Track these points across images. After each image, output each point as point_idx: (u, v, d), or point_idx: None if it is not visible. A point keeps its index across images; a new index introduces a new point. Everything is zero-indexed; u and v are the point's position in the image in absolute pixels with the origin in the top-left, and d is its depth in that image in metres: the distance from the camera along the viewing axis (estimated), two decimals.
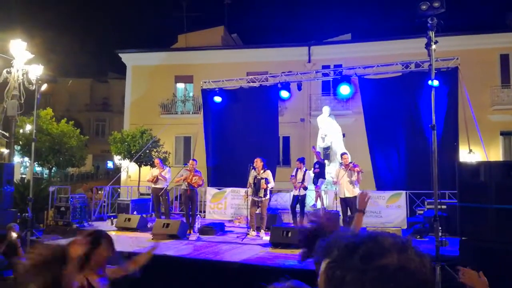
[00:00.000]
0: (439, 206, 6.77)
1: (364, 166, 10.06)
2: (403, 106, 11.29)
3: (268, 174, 9.54)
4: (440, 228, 6.48)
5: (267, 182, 9.32)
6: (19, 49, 11.71)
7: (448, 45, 15.01)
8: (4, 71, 11.79)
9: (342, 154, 9.48)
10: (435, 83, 8.76)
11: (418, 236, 8.57)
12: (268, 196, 9.57)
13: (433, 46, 5.81)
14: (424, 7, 5.55)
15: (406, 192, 10.46)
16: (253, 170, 9.58)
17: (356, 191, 8.88)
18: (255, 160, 9.59)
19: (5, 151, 30.87)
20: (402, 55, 15.44)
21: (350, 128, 16.76)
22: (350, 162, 9.08)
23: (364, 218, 9.83)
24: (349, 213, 8.82)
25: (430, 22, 5.64)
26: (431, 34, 5.76)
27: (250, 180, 9.57)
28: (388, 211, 10.55)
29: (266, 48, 21.98)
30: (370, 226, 9.24)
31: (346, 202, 8.93)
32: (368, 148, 11.76)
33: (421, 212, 10.00)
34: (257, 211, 9.60)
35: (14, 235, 7.94)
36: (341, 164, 9.80)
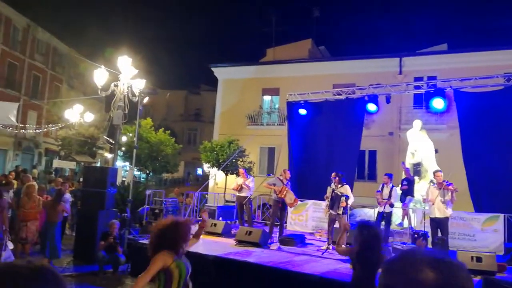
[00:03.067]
0: None
1: (458, 185, 9.42)
2: (504, 122, 10.36)
3: (347, 189, 9.42)
4: None
5: (346, 198, 9.18)
6: (125, 64, 12.99)
7: None
8: (112, 84, 13.15)
9: (435, 172, 8.95)
10: None
11: None
12: (346, 214, 9.43)
13: None
14: None
15: (504, 216, 9.57)
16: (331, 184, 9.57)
17: (448, 212, 8.34)
18: (333, 174, 9.64)
19: (109, 155, 34.19)
20: (503, 66, 14.24)
21: (443, 143, 15.76)
22: (444, 181, 8.53)
23: (457, 241, 9.25)
24: (439, 234, 8.29)
25: None
26: None
27: (328, 193, 9.54)
28: (484, 235, 9.73)
29: (353, 60, 21.65)
30: (461, 249, 8.63)
31: (437, 223, 8.42)
32: (464, 165, 10.93)
33: None
34: (336, 225, 9.49)
35: (115, 228, 8.79)
36: (432, 182, 9.27)
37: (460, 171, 11.41)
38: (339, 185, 9.41)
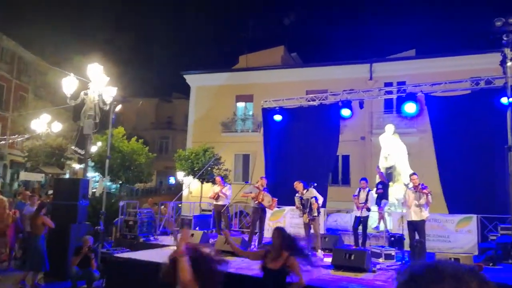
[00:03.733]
0: None
1: (431, 187, 9.61)
2: (474, 125, 10.68)
3: (313, 192, 9.51)
4: None
5: (316, 200, 9.31)
6: (96, 72, 12.64)
7: None
8: (82, 93, 12.75)
9: (411, 175, 9.08)
10: (507, 100, 8.28)
11: (491, 264, 7.99)
12: (318, 216, 9.50)
13: (509, 64, 5.50)
14: (499, 23, 5.29)
15: (477, 216, 9.83)
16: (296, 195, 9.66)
17: (424, 215, 8.46)
18: (295, 183, 9.74)
19: (77, 166, 33.20)
20: (470, 71, 14.75)
21: (415, 147, 16.14)
22: (419, 184, 8.67)
23: (432, 243, 9.40)
24: (417, 237, 8.40)
25: (505, 38, 5.36)
26: (507, 51, 5.47)
27: (297, 203, 9.61)
28: (458, 236, 9.96)
29: (325, 66, 21.96)
30: (438, 251, 8.79)
31: (414, 226, 8.54)
32: (438, 168, 11.19)
33: (494, 237, 9.32)
34: (312, 231, 9.51)
35: (87, 244, 8.48)
36: (407, 185, 9.41)
37: (431, 174, 11.68)
38: (304, 191, 9.55)
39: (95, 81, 12.52)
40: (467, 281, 0.92)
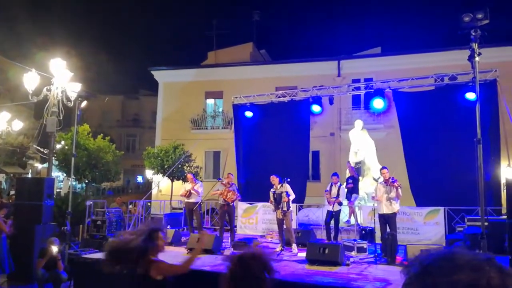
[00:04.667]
0: (480, 223, 6.51)
1: (399, 181, 9.83)
2: (439, 119, 11.02)
3: (286, 187, 9.52)
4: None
5: (287, 195, 9.35)
6: (59, 67, 12.16)
7: (485, 56, 14.48)
8: (44, 89, 12.23)
9: (381, 169, 9.24)
10: (474, 96, 8.55)
11: None
12: (291, 209, 9.54)
13: (477, 58, 5.65)
14: (467, 18, 5.43)
15: (444, 209, 10.14)
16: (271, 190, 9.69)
17: (395, 208, 8.63)
18: (271, 177, 9.75)
19: (40, 166, 31.98)
20: (434, 68, 15.15)
21: (382, 142, 16.47)
22: (390, 177, 8.83)
23: (402, 235, 9.59)
24: (388, 230, 8.56)
25: (473, 34, 5.51)
26: (475, 46, 5.62)
27: (271, 198, 9.66)
28: (426, 228, 10.24)
29: (294, 63, 22.08)
30: (408, 243, 8.99)
31: (385, 219, 8.70)
32: (405, 162, 11.47)
33: (461, 229, 9.63)
34: (285, 227, 9.55)
35: (54, 249, 8.15)
36: (377, 179, 9.57)
37: (398, 168, 11.96)
38: (279, 185, 9.58)
39: (58, 77, 12.05)
40: (487, 270, 0.86)
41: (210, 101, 23.47)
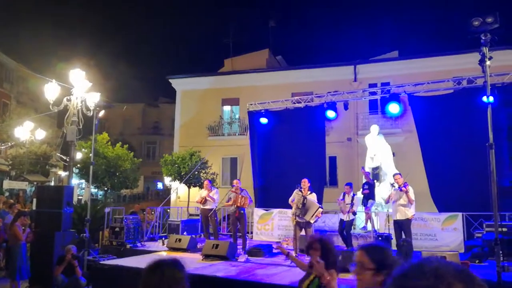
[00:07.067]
0: (499, 229, 6.38)
1: (417, 186, 9.69)
2: (457, 123, 10.83)
3: (315, 197, 9.39)
4: (501, 252, 6.09)
5: (321, 207, 9.15)
6: (78, 78, 12.49)
7: (503, 59, 14.17)
8: (64, 99, 12.58)
9: (394, 175, 9.13)
10: (490, 99, 8.38)
11: (477, 261, 8.09)
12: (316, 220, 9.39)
13: (488, 63, 5.57)
14: (477, 23, 5.36)
15: (462, 214, 9.95)
16: (298, 190, 9.45)
17: (409, 214, 8.52)
18: (303, 180, 9.45)
19: (63, 173, 32.70)
20: (452, 71, 14.95)
21: (400, 147, 16.31)
22: (403, 183, 8.72)
23: (419, 242, 9.40)
24: (403, 236, 8.45)
25: (483, 38, 5.43)
26: (485, 50, 5.54)
27: (296, 200, 9.31)
28: (444, 234, 10.06)
29: (310, 68, 22.05)
30: (425, 250, 8.86)
31: (399, 225, 8.59)
32: (424, 167, 11.29)
33: (480, 235, 9.45)
34: (302, 233, 9.41)
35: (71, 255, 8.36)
36: (392, 185, 9.47)
37: (416, 173, 11.80)
38: (308, 192, 9.30)
39: (78, 87, 12.37)
40: (449, 280, 0.91)
41: (227, 108, 23.66)
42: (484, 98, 9.71)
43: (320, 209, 9.07)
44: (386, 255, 2.26)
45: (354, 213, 9.94)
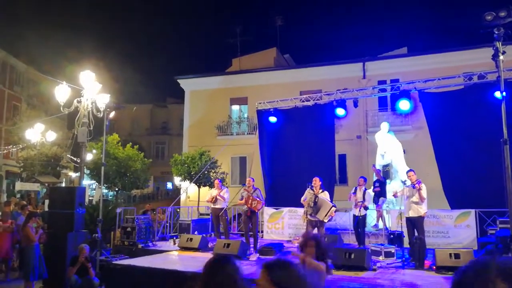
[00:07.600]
0: None
1: (429, 183, 9.60)
2: (468, 119, 10.71)
3: (327, 195, 9.33)
4: None
5: (334, 205, 9.09)
6: (88, 80, 12.58)
7: None
8: (75, 100, 12.68)
9: (408, 172, 9.05)
10: (504, 94, 8.27)
11: None
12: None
13: (501, 57, 5.49)
14: (489, 17, 5.28)
15: (475, 211, 9.84)
16: (309, 189, 9.40)
17: (421, 211, 8.43)
18: (314, 179, 9.38)
19: (74, 175, 33.02)
20: (462, 67, 14.80)
21: (410, 144, 16.16)
22: (416, 180, 8.62)
23: (431, 239, 9.28)
24: (416, 233, 8.38)
25: (496, 32, 5.35)
26: (498, 44, 5.46)
27: (308, 199, 9.25)
28: (457, 231, 9.97)
29: (318, 66, 21.95)
30: (437, 247, 8.78)
31: (412, 222, 8.52)
32: (437, 164, 11.17)
33: (493, 231, 9.33)
34: (315, 232, 9.37)
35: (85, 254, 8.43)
36: (403, 182, 9.36)
37: (428, 170, 11.70)
38: (320, 191, 9.23)
39: (88, 89, 12.45)
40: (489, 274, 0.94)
41: (235, 107, 23.66)
42: (497, 94, 9.62)
43: (334, 208, 8.99)
44: (289, 274, 1.95)
45: (366, 208, 9.86)
